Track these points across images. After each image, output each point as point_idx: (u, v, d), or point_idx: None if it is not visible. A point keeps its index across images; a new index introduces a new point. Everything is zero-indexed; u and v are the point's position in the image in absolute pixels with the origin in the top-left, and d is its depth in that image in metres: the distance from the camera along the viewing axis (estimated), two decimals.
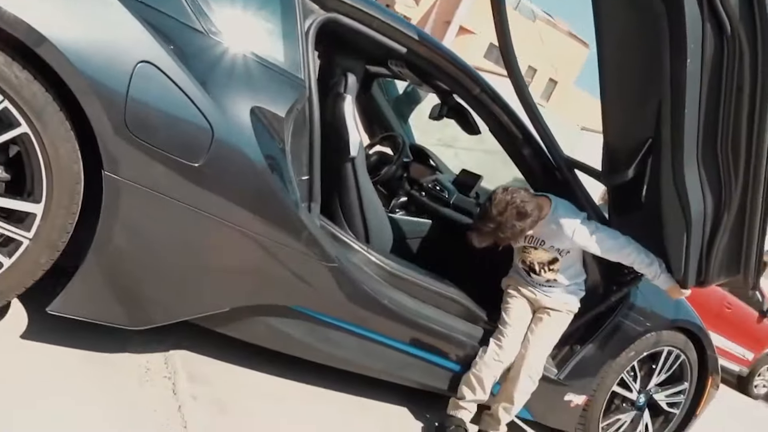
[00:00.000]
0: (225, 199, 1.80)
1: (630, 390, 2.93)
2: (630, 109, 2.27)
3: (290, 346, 2.14)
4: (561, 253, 2.43)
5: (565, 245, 2.40)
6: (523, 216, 2.23)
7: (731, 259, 2.32)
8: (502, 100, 2.51)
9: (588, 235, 2.34)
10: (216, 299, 1.92)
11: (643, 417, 3.02)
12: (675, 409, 3.09)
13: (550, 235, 2.40)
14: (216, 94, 1.74)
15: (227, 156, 1.77)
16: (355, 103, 2.36)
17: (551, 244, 2.42)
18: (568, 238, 2.35)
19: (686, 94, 1.96)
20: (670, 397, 3.06)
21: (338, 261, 2.04)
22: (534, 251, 2.46)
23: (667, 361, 2.96)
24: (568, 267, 2.48)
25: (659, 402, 3.03)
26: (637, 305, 2.77)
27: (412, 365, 2.36)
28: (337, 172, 2.35)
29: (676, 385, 3.05)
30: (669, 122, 2.05)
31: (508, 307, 2.51)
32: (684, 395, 3.08)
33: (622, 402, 2.98)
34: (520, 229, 2.24)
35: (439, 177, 3.40)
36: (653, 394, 3.00)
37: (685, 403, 3.11)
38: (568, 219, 2.35)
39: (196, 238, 1.81)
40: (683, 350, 2.98)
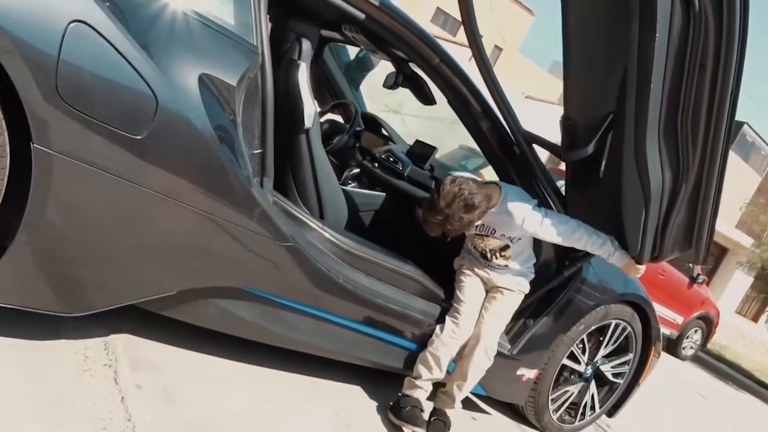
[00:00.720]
0: (171, 175, 1.66)
1: (578, 362, 2.97)
2: (593, 83, 2.22)
3: (242, 328, 2.04)
4: (512, 240, 2.42)
5: (516, 233, 2.39)
6: (471, 208, 2.19)
7: (685, 234, 2.34)
8: (462, 72, 2.42)
9: (538, 223, 2.32)
10: (162, 282, 1.79)
11: (589, 388, 3.08)
12: (619, 379, 3.16)
13: (501, 224, 2.39)
14: (160, 60, 1.58)
15: (173, 128, 1.62)
16: (309, 71, 2.22)
17: (502, 233, 2.41)
18: (518, 226, 2.34)
19: (653, 69, 1.92)
20: (616, 368, 3.12)
21: (292, 240, 1.94)
22: (485, 239, 2.45)
23: (614, 333, 3.01)
24: (519, 253, 2.48)
25: (605, 373, 3.09)
26: (588, 280, 2.79)
27: (368, 345, 2.30)
28: (290, 144, 2.22)
29: (622, 356, 3.11)
30: (634, 97, 2.01)
31: (462, 285, 2.49)
32: (628, 366, 3.16)
33: (570, 374, 3.02)
34: (467, 221, 2.22)
35: (392, 148, 3.31)
36: (600, 365, 3.06)
37: (629, 373, 3.18)
38: (517, 207, 2.33)
39: (139, 216, 1.67)
40: (630, 322, 3.03)
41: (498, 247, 2.45)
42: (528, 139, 2.53)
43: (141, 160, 1.59)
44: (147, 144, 1.58)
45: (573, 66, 2.20)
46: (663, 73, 1.96)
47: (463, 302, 2.42)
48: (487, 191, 2.29)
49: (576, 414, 3.11)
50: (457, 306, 2.42)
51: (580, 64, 2.20)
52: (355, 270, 2.21)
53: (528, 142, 2.53)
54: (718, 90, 1.98)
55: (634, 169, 2.14)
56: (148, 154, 1.59)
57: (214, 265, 1.85)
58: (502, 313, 2.47)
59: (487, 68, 2.40)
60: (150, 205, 1.65)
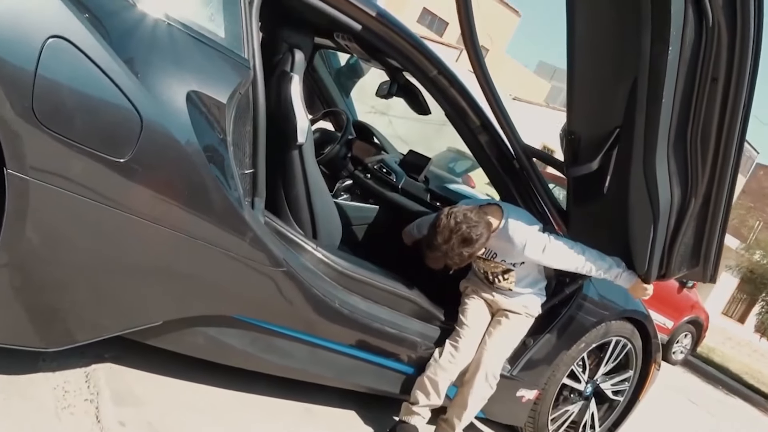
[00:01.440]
0: (156, 200, 1.54)
1: (579, 381, 2.89)
2: (599, 96, 2.13)
3: (231, 357, 1.93)
4: (514, 265, 2.32)
5: (517, 259, 2.29)
6: (470, 242, 2.10)
7: (692, 251, 2.27)
8: (460, 83, 2.32)
9: (540, 250, 2.21)
10: (147, 312, 1.68)
11: (589, 406, 3.00)
12: (619, 396, 3.08)
13: (502, 250, 2.29)
14: (145, 77, 1.47)
15: (159, 150, 1.51)
16: (302, 83, 2.12)
17: (503, 258, 2.31)
18: (519, 252, 2.23)
19: (664, 82, 1.84)
20: (616, 385, 3.04)
21: (286, 264, 1.83)
22: (486, 262, 2.35)
23: (615, 350, 2.94)
24: (524, 277, 2.38)
25: (605, 391, 3.01)
26: (590, 296, 2.71)
27: (364, 370, 2.19)
28: (282, 160, 2.11)
29: (622, 373, 3.04)
30: (644, 110, 1.92)
31: (466, 308, 2.38)
32: (629, 383, 3.08)
33: (570, 393, 2.94)
34: (468, 255, 2.13)
35: (385, 158, 3.21)
36: (600, 383, 2.98)
37: (629, 390, 3.11)
38: (518, 233, 2.21)
39: (123, 243, 1.55)
40: (630, 339, 2.95)
41: (500, 271, 2.35)
42: (528, 153, 2.44)
43: (124, 184, 1.47)
44: (131, 167, 1.46)
45: (578, 78, 2.11)
46: (674, 86, 1.88)
47: (465, 325, 2.32)
48: (488, 219, 2.18)
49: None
50: (458, 329, 2.32)
51: (586, 76, 2.11)
52: (351, 293, 2.11)
53: (528, 157, 2.44)
54: (729, 103, 1.90)
55: (642, 186, 2.06)
56: (132, 178, 1.48)
57: (203, 294, 1.74)
58: (506, 338, 2.36)
59: (486, 79, 2.30)
60: (134, 232, 1.54)
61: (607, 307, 2.78)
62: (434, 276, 2.63)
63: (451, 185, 3.01)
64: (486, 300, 2.42)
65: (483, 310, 2.40)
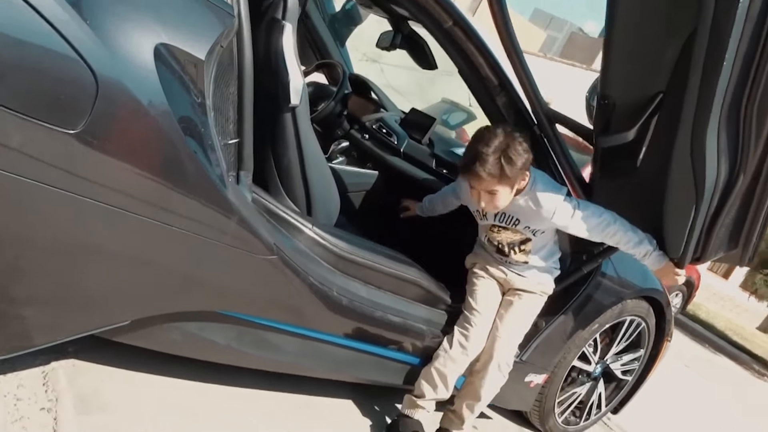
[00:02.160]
0: (120, 179, 1.25)
1: (589, 363, 2.70)
2: (643, 56, 1.83)
3: (213, 353, 1.68)
4: (534, 233, 2.07)
5: (542, 225, 2.03)
6: (511, 163, 1.83)
7: (732, 233, 2.02)
8: (479, 37, 2.02)
9: (569, 215, 1.97)
10: (113, 311, 1.41)
11: (597, 387, 2.82)
12: (628, 376, 2.91)
13: (526, 215, 2.01)
14: (100, 26, 1.16)
15: (120, 118, 1.21)
16: (295, 34, 1.80)
17: (526, 224, 2.04)
18: (547, 218, 1.97)
19: (728, 45, 1.55)
20: (626, 365, 2.86)
21: (277, 250, 1.57)
22: (503, 231, 2.08)
23: (628, 330, 2.74)
24: (541, 247, 2.13)
25: (614, 371, 2.83)
26: (608, 274, 2.49)
27: (364, 362, 1.96)
28: (272, 124, 1.81)
29: (633, 352, 2.85)
30: (699, 76, 1.63)
31: (475, 289, 2.14)
32: (638, 362, 2.90)
33: (579, 374, 2.75)
34: (498, 175, 1.84)
35: (384, 116, 2.90)
36: (610, 363, 2.80)
37: (638, 369, 2.94)
38: (548, 197, 1.95)
39: (81, 232, 1.27)
40: (645, 318, 2.76)
41: (518, 240, 2.10)
42: (551, 118, 2.16)
43: (78, 162, 1.18)
44: (85, 140, 1.17)
45: (618, 34, 1.80)
46: (736, 48, 1.59)
47: (474, 311, 2.08)
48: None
49: (581, 414, 2.86)
50: (467, 315, 2.08)
51: (628, 33, 1.80)
52: (351, 278, 1.85)
53: (551, 123, 2.16)
54: None
55: (687, 161, 1.79)
56: (88, 153, 1.19)
57: (179, 289, 1.47)
58: (519, 322, 2.14)
59: (509, 32, 1.99)
60: (93, 219, 1.25)
61: (625, 286, 2.56)
62: (439, 250, 2.39)
63: (458, 149, 2.72)
64: (496, 278, 2.18)
65: (493, 291, 2.16)
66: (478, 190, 1.91)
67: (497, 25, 1.98)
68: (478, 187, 1.91)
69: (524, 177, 1.93)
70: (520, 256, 2.12)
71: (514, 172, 1.86)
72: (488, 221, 2.10)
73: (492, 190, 1.89)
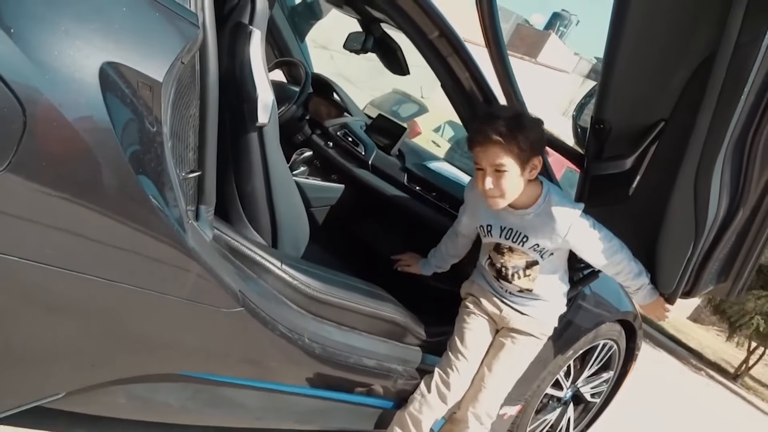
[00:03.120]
0: (53, 230, 1.01)
1: (561, 389, 2.59)
2: (647, 81, 1.68)
3: (165, 414, 1.45)
4: (543, 255, 1.83)
5: (554, 244, 1.79)
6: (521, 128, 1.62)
7: (724, 266, 1.92)
8: (466, 51, 1.83)
9: (585, 234, 1.76)
10: (43, 383, 1.16)
11: (567, 411, 2.72)
12: (596, 398, 2.83)
13: (537, 230, 1.77)
14: (29, 41, 0.91)
15: (53, 155, 0.97)
16: (264, 41, 1.56)
17: (536, 242, 1.79)
18: (560, 236, 1.74)
19: (750, 76, 1.41)
20: (595, 387, 2.77)
21: (242, 300, 1.34)
22: (508, 254, 1.85)
23: (601, 353, 2.64)
24: (549, 273, 1.89)
25: (584, 394, 2.74)
26: (587, 297, 2.37)
27: (335, 410, 1.76)
28: (236, 144, 1.58)
29: (602, 374, 2.76)
30: (713, 108, 1.50)
31: (463, 327, 1.92)
32: (607, 383, 2.82)
33: (549, 401, 2.64)
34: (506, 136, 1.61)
35: (349, 123, 2.68)
36: (580, 387, 2.70)
37: (606, 390, 2.85)
38: (563, 210, 1.73)
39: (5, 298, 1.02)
40: (617, 341, 2.66)
41: (522, 264, 1.86)
42: None
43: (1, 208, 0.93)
44: (7, 185, 0.92)
45: (622, 56, 1.65)
46: (752, 83, 1.46)
47: (459, 353, 1.87)
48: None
49: None
50: (451, 357, 1.88)
51: (632, 57, 1.65)
52: (323, 321, 1.64)
53: None
54: None
55: (689, 195, 1.66)
56: (11, 200, 0.94)
57: (126, 353, 1.23)
58: (511, 371, 1.93)
59: (501, 50, 1.82)
60: (21, 279, 1.00)
61: (604, 308, 2.45)
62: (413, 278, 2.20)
63: (432, 163, 2.53)
64: (489, 314, 1.94)
65: (483, 332, 1.94)
66: (484, 170, 1.67)
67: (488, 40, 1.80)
68: (485, 162, 1.66)
69: (535, 166, 1.68)
70: (524, 282, 1.87)
71: (526, 142, 1.62)
72: (492, 238, 1.84)
73: (499, 164, 1.63)
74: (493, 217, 1.81)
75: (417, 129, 8.73)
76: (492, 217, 1.82)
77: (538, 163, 1.69)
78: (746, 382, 9.58)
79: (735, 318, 8.86)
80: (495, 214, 1.80)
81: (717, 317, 10.56)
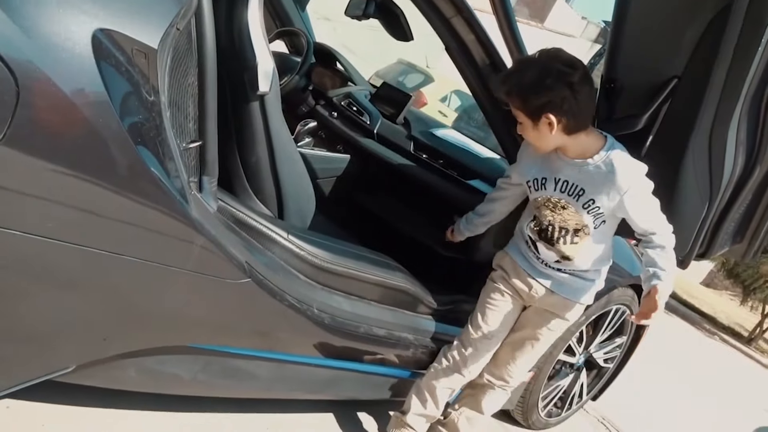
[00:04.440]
0: (52, 203, 0.99)
1: (573, 354, 2.58)
2: (657, 37, 1.61)
3: (176, 386, 1.45)
4: (596, 220, 1.69)
5: (611, 203, 1.63)
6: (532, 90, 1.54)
7: (739, 227, 1.89)
8: (471, 12, 1.78)
9: (644, 198, 1.62)
10: (55, 357, 1.15)
11: (579, 377, 2.71)
12: (609, 363, 2.82)
13: (596, 184, 1.63)
14: (19, 10, 0.88)
15: (49, 126, 0.94)
16: (262, 7, 1.52)
17: (592, 197, 1.64)
18: (619, 193, 1.60)
19: (766, 27, 1.36)
20: (609, 353, 2.76)
21: (248, 271, 1.32)
22: (559, 211, 1.71)
23: (614, 318, 2.62)
24: (596, 243, 1.75)
25: (597, 360, 2.73)
26: None
27: (348, 379, 1.76)
28: (238, 114, 1.55)
29: (615, 339, 2.75)
30: (728, 62, 1.44)
31: (488, 303, 1.85)
32: (620, 348, 2.81)
33: (562, 367, 2.63)
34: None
35: (353, 92, 2.64)
36: (593, 353, 2.68)
37: (619, 356, 2.84)
38: (627, 165, 1.61)
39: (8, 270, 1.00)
40: (629, 306, 2.64)
41: (572, 225, 1.71)
42: None
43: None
44: (5, 155, 0.90)
45: (630, 13, 1.59)
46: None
47: (480, 331, 1.83)
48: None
49: (563, 405, 2.76)
50: (471, 333, 1.83)
51: (642, 12, 1.60)
52: (332, 291, 1.63)
53: None
54: None
55: (704, 155, 1.62)
56: (10, 172, 0.92)
57: (132, 326, 1.22)
58: (535, 350, 1.89)
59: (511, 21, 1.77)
60: (21, 252, 0.99)
61: (616, 274, 2.42)
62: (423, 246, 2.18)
63: (438, 131, 2.49)
64: (518, 292, 1.85)
65: (508, 311, 1.85)
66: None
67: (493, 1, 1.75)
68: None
69: (551, 122, 1.56)
70: (568, 248, 1.74)
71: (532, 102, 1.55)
72: (546, 192, 1.71)
73: (516, 115, 1.61)
74: (549, 170, 1.70)
75: (423, 99, 8.64)
76: (547, 170, 1.71)
77: (553, 119, 1.56)
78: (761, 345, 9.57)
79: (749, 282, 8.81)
80: (551, 167, 1.70)
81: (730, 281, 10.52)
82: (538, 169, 1.73)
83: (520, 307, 1.88)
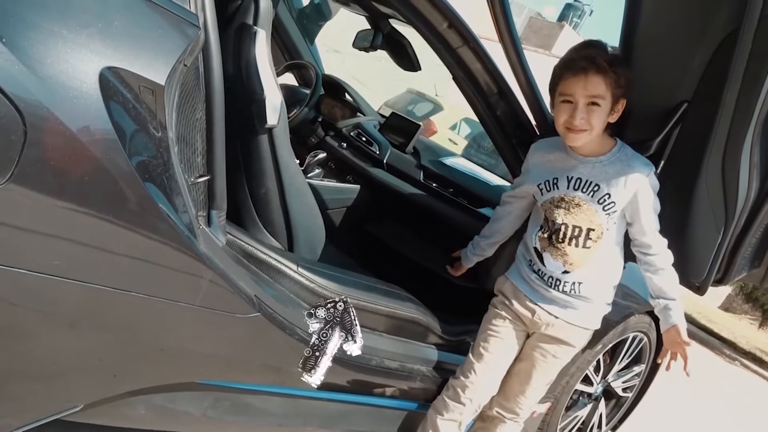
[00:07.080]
0: (60, 240, 0.99)
1: (591, 384, 2.52)
2: (665, 61, 1.62)
3: (186, 424, 1.42)
4: (609, 216, 1.65)
5: (626, 196, 1.62)
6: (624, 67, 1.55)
7: (756, 252, 1.86)
8: (477, 40, 1.79)
9: (652, 195, 1.64)
10: (60, 397, 1.14)
11: (598, 407, 2.65)
12: (628, 392, 2.75)
13: (610, 179, 1.62)
14: (26, 49, 0.89)
15: (57, 165, 0.94)
16: (269, 41, 1.53)
17: (607, 192, 1.62)
18: (632, 188, 1.61)
19: None
20: (627, 381, 2.70)
21: (259, 304, 1.31)
22: (573, 209, 1.67)
23: (631, 346, 2.57)
24: (606, 247, 1.70)
25: (615, 389, 2.67)
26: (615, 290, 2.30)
27: (358, 413, 1.73)
28: (246, 148, 1.55)
29: (634, 368, 2.69)
30: (738, 84, 1.42)
31: (490, 331, 1.81)
32: (639, 377, 2.75)
33: (580, 397, 2.57)
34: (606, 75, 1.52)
35: (362, 122, 2.66)
36: (611, 382, 2.63)
37: (638, 385, 2.78)
38: (640, 163, 1.62)
39: (12, 309, 1.00)
40: (647, 333, 2.59)
41: (585, 226, 1.67)
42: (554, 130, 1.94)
43: (3, 223, 0.91)
44: (12, 194, 0.90)
45: (638, 38, 1.60)
46: None
47: (482, 357, 1.79)
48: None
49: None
50: (473, 362, 1.79)
51: (650, 36, 1.60)
52: None
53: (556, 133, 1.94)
54: None
55: (717, 178, 1.60)
56: (16, 212, 0.92)
57: (141, 364, 1.21)
58: (542, 379, 1.85)
59: (513, 37, 1.77)
60: (32, 293, 0.99)
61: (632, 301, 2.38)
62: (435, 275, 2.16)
63: (447, 159, 2.49)
64: (521, 317, 1.80)
65: (511, 339, 1.82)
66: (576, 103, 1.56)
67: (498, 29, 1.75)
68: (580, 92, 1.55)
69: (619, 109, 1.59)
70: (579, 253, 1.68)
71: (624, 79, 1.54)
72: (558, 191, 1.68)
73: (597, 95, 1.54)
74: (560, 170, 1.69)
75: (433, 128, 8.68)
76: (558, 170, 1.70)
77: (621, 107, 1.59)
78: None
79: None
80: (563, 166, 1.69)
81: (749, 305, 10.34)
82: (548, 171, 1.72)
83: (523, 333, 1.83)
